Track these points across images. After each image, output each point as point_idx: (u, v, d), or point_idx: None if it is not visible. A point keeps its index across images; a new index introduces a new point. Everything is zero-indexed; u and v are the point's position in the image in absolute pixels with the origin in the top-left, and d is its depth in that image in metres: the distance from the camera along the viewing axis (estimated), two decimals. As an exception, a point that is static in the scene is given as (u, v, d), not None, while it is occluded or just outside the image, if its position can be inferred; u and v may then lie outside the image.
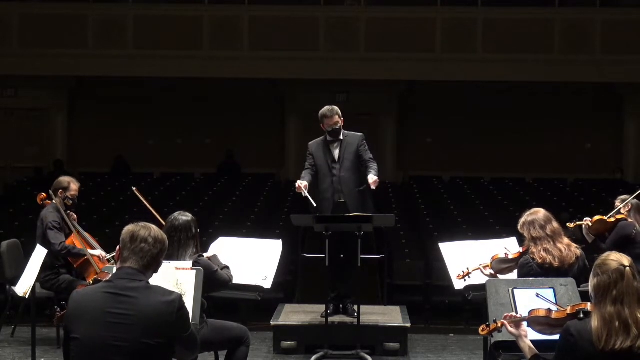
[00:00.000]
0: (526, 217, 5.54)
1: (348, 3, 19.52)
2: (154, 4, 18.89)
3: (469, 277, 6.04)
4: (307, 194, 7.40)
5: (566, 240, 5.53)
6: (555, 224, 5.51)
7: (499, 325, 4.20)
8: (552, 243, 5.43)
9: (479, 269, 5.90)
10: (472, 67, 18.16)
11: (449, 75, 18.26)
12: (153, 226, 3.82)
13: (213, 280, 5.24)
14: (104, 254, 7.30)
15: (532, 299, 4.55)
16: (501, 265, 5.83)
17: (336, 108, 7.71)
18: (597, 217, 7.58)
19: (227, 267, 5.55)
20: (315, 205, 7.45)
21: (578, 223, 7.58)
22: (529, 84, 18.61)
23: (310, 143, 7.86)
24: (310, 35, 18.64)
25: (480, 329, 4.36)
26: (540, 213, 5.53)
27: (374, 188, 7.42)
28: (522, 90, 19.03)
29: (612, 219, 7.56)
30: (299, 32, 18.56)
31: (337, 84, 18.81)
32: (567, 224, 7.56)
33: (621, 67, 18.01)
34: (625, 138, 19.72)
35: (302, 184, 7.45)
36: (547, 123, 19.43)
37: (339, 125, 7.65)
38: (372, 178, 7.39)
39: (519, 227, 5.58)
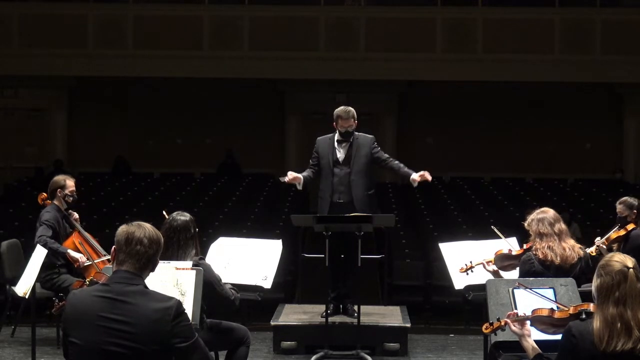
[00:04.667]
0: (536, 214, 5.63)
1: (348, 3, 19.52)
2: (154, 4, 18.88)
3: (472, 271, 6.04)
4: (288, 181, 7.49)
5: (572, 241, 5.60)
6: (563, 225, 5.60)
7: (503, 323, 4.20)
8: (557, 241, 5.51)
9: (481, 263, 5.92)
10: (472, 67, 18.16)
11: (449, 75, 18.26)
12: (148, 225, 3.72)
13: (215, 290, 5.08)
14: (83, 259, 7.28)
15: (532, 299, 4.54)
16: (504, 261, 5.87)
17: (352, 111, 7.61)
18: (612, 235, 7.55)
19: (236, 290, 5.38)
20: (300, 188, 7.55)
21: (598, 245, 7.53)
22: (528, 84, 18.61)
23: (319, 138, 7.79)
24: (310, 35, 18.64)
25: (484, 327, 4.37)
26: (550, 212, 5.63)
27: (419, 181, 7.54)
28: (522, 90, 19.03)
29: (623, 231, 7.55)
30: (299, 32, 18.56)
31: (337, 84, 18.82)
32: (590, 251, 7.49)
33: (621, 67, 18.01)
34: (625, 138, 19.72)
35: (290, 174, 7.50)
36: (547, 123, 19.43)
37: (352, 128, 7.60)
38: (419, 173, 7.49)
39: (526, 224, 5.65)
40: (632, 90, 18.86)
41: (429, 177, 7.47)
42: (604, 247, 7.50)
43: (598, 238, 7.61)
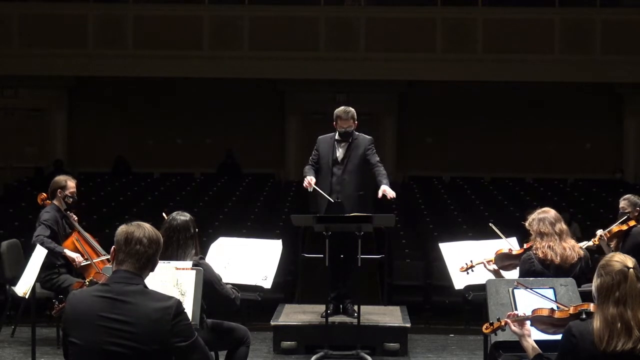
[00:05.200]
0: (537, 214, 5.65)
1: (348, 3, 19.51)
2: (154, 4, 18.88)
3: (472, 271, 6.04)
4: (317, 188, 7.42)
5: (572, 241, 5.62)
6: (563, 225, 5.61)
7: (503, 323, 4.20)
8: (557, 241, 5.52)
9: (482, 263, 5.93)
10: (472, 67, 18.16)
11: (449, 75, 18.26)
12: (147, 225, 3.73)
13: (216, 290, 5.06)
14: (80, 258, 7.28)
15: (532, 299, 4.54)
16: (504, 261, 5.87)
17: (352, 111, 7.60)
18: (615, 228, 7.53)
19: (236, 289, 5.37)
20: (330, 199, 7.43)
21: (600, 235, 7.50)
22: (528, 84, 18.61)
23: (320, 137, 7.80)
24: (310, 35, 18.64)
25: (484, 327, 4.37)
26: (551, 212, 5.65)
27: (381, 197, 7.34)
28: (522, 90, 19.03)
29: (625, 226, 7.54)
30: (299, 32, 18.55)
31: (337, 84, 18.82)
32: (593, 240, 7.47)
33: (621, 67, 18.01)
34: (625, 138, 19.72)
35: (311, 180, 7.45)
36: (547, 123, 19.43)
37: (351, 128, 7.59)
38: (383, 187, 7.32)
39: (526, 224, 5.67)
40: (632, 90, 18.86)
41: (390, 195, 7.26)
42: (605, 239, 7.49)
43: (600, 230, 7.60)
